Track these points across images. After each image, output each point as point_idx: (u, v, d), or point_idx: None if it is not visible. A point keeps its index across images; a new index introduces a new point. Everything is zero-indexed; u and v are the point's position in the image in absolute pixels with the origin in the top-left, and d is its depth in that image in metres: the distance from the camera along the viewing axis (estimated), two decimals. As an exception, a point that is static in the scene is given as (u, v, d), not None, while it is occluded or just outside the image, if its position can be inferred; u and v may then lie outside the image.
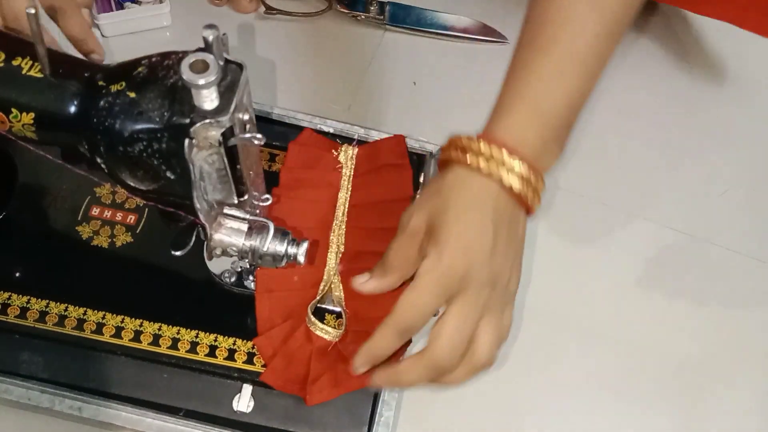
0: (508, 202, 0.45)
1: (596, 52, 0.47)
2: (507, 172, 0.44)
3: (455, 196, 0.45)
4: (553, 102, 0.46)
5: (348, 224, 0.58)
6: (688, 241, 0.67)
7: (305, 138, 0.61)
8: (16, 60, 0.40)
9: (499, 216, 0.44)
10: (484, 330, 0.44)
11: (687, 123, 0.73)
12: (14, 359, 0.52)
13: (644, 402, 0.59)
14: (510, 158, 0.44)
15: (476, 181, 0.44)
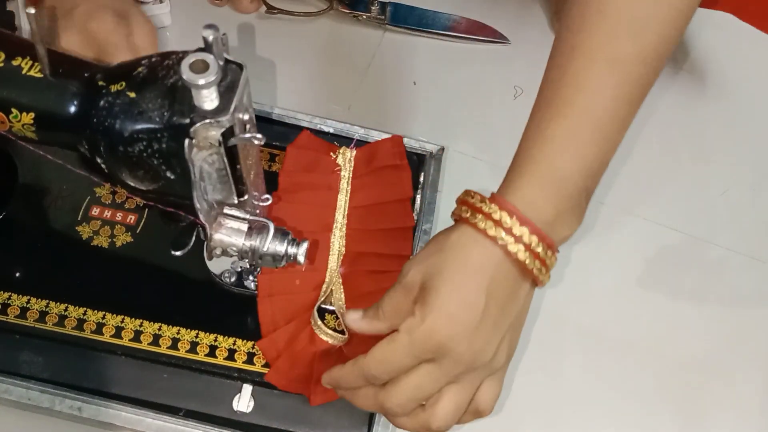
0: (510, 271, 0.42)
1: (615, 116, 0.44)
2: (514, 240, 0.41)
3: (454, 258, 0.42)
4: (568, 170, 0.43)
5: (348, 226, 0.58)
6: (688, 241, 0.67)
7: (303, 141, 0.61)
8: (16, 60, 0.40)
9: (496, 287, 0.42)
10: (447, 397, 0.43)
11: (687, 122, 0.73)
12: (14, 359, 0.52)
13: (644, 401, 0.59)
14: (519, 226, 0.41)
15: (480, 246, 0.42)
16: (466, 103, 0.71)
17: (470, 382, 0.44)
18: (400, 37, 0.74)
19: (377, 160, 0.61)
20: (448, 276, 0.42)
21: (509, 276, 0.42)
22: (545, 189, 0.43)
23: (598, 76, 0.44)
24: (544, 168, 0.43)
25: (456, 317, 0.41)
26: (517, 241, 0.41)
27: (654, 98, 0.74)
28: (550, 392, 0.59)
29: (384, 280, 0.55)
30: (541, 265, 0.43)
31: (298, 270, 0.56)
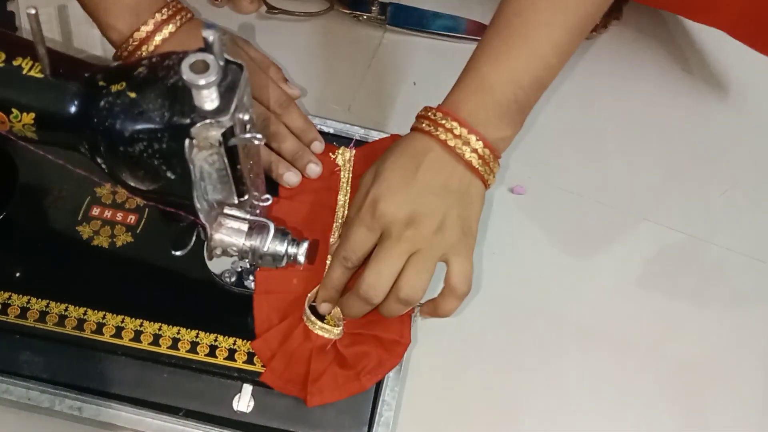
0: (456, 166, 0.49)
1: (548, 39, 0.50)
2: (464, 145, 0.49)
3: (400, 150, 0.50)
4: (496, 80, 0.50)
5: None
6: (688, 241, 0.67)
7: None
8: (16, 60, 0.40)
9: (437, 172, 0.49)
10: (407, 269, 0.48)
11: (687, 123, 0.73)
12: (14, 359, 0.52)
13: (644, 401, 0.59)
14: (474, 139, 0.49)
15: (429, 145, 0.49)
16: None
17: (429, 251, 0.49)
18: (400, 38, 0.74)
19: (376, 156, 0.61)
20: (392, 159, 0.50)
21: (454, 174, 0.49)
22: (475, 95, 0.50)
23: (535, 4, 0.50)
24: (474, 77, 0.50)
25: (393, 185, 0.49)
26: (473, 151, 0.49)
27: (654, 100, 0.74)
28: (550, 392, 0.59)
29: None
30: (487, 168, 0.50)
31: (297, 269, 0.56)
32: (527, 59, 0.50)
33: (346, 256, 0.50)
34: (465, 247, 0.50)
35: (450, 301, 0.50)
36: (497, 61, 0.50)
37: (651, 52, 0.76)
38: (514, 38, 0.50)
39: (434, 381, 0.58)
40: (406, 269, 0.48)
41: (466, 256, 0.50)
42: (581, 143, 0.71)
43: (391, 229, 0.48)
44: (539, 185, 0.68)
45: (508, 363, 0.59)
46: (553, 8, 0.50)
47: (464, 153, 0.49)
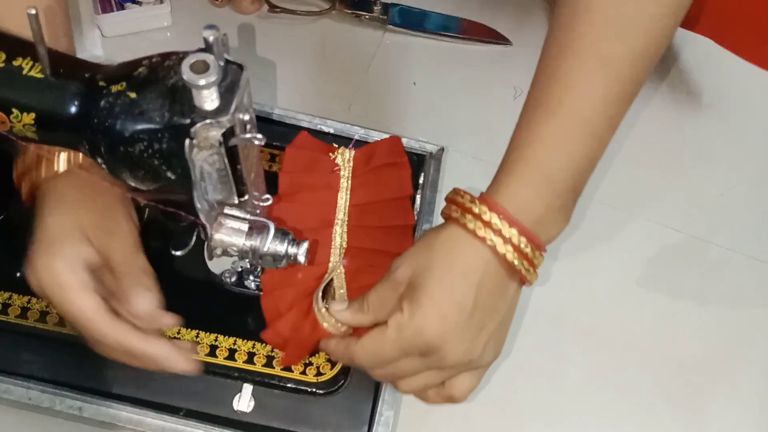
0: (498, 271, 0.43)
1: (604, 115, 0.44)
2: (503, 242, 0.42)
3: (443, 257, 0.43)
4: (557, 168, 0.44)
5: (349, 224, 0.58)
6: (688, 241, 0.67)
7: (301, 141, 0.61)
8: (16, 60, 0.40)
9: (484, 287, 0.43)
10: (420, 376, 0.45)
11: (686, 123, 0.73)
12: (15, 359, 0.52)
13: (644, 401, 0.59)
14: (508, 228, 0.42)
15: (469, 246, 0.43)
16: (466, 103, 0.71)
17: (449, 373, 0.45)
18: (401, 38, 0.74)
19: (376, 158, 0.61)
20: (438, 275, 0.43)
21: (497, 276, 0.43)
22: (534, 188, 0.43)
23: (587, 76, 0.44)
24: (533, 167, 0.43)
25: (445, 317, 0.42)
26: (506, 243, 0.42)
27: (653, 99, 0.74)
28: (550, 392, 0.59)
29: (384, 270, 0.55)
30: (528, 265, 0.43)
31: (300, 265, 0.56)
32: (585, 141, 0.44)
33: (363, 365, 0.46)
34: (486, 368, 0.47)
35: (437, 401, 0.48)
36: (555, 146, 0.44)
37: (651, 52, 0.76)
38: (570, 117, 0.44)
39: (434, 381, 0.58)
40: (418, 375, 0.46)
41: (481, 375, 0.47)
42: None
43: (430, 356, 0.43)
44: (539, 185, 0.68)
45: (508, 362, 0.59)
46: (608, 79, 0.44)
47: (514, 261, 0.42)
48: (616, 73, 0.44)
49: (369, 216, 0.59)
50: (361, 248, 0.57)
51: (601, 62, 0.44)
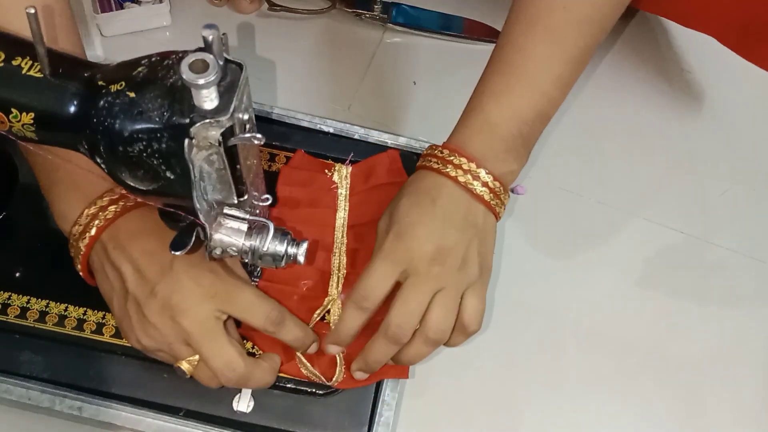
0: (478, 208, 0.50)
1: (549, 72, 0.51)
2: (480, 185, 0.49)
3: (412, 189, 0.50)
4: (501, 116, 0.50)
5: (348, 246, 0.57)
6: (688, 241, 0.67)
7: (298, 161, 0.61)
8: (15, 60, 0.40)
9: (453, 207, 0.49)
10: (434, 308, 0.48)
11: (687, 123, 0.73)
12: (14, 359, 0.52)
13: (644, 401, 0.59)
14: (485, 174, 0.49)
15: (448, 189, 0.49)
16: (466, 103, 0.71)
17: (452, 288, 0.48)
18: (401, 37, 0.74)
19: (375, 177, 0.60)
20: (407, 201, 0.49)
21: (469, 208, 0.49)
22: (480, 133, 0.50)
23: (533, 39, 0.51)
24: (478, 115, 0.51)
25: (417, 225, 0.48)
26: (483, 185, 0.49)
27: (653, 99, 0.74)
28: (549, 392, 0.59)
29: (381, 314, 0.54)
30: (500, 203, 0.51)
31: (299, 288, 0.55)
32: (530, 95, 0.51)
33: (365, 295, 0.48)
34: (481, 285, 0.50)
35: (459, 338, 0.50)
36: (500, 99, 0.51)
37: (650, 52, 0.76)
38: (516, 75, 0.51)
39: (434, 381, 0.58)
40: (433, 307, 0.48)
41: (481, 294, 0.50)
42: (581, 143, 0.71)
43: (417, 266, 0.47)
44: (539, 185, 0.68)
45: (508, 363, 0.59)
46: (552, 43, 0.51)
47: (475, 188, 0.49)
48: (561, 37, 0.51)
49: (368, 237, 0.58)
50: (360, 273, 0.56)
51: (546, 28, 0.51)
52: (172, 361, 0.48)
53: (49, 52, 0.39)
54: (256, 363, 0.49)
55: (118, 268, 0.48)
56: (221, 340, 0.47)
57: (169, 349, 0.48)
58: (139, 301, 0.47)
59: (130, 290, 0.47)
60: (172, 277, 0.47)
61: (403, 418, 0.56)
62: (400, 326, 0.48)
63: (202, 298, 0.47)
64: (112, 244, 0.48)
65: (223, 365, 0.47)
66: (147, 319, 0.47)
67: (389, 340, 0.48)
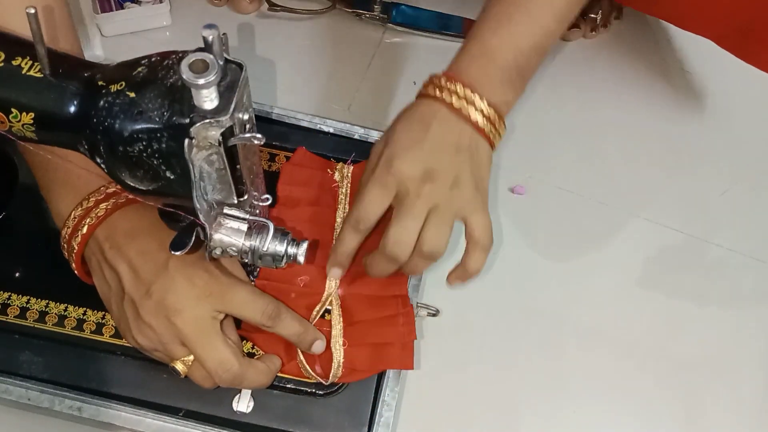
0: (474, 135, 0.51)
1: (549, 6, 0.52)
2: (478, 113, 0.50)
3: (408, 115, 0.51)
4: (498, 45, 0.52)
5: None
6: (688, 241, 0.67)
7: (299, 158, 0.61)
8: (15, 60, 0.40)
9: (447, 132, 0.50)
10: (428, 225, 0.49)
11: (687, 123, 0.73)
12: (14, 359, 0.52)
13: (644, 400, 0.59)
14: (479, 100, 0.50)
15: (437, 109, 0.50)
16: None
17: (446, 206, 0.49)
18: (401, 37, 0.74)
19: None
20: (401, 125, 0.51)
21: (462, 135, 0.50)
22: (478, 61, 0.52)
23: None
24: (476, 43, 0.52)
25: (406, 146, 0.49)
26: (480, 113, 0.50)
27: (654, 100, 0.74)
28: (549, 392, 0.59)
29: (384, 306, 0.54)
30: (495, 131, 0.51)
31: (296, 284, 0.55)
32: (527, 25, 0.52)
33: (359, 217, 0.50)
34: (480, 203, 0.51)
35: (477, 256, 0.51)
36: (498, 28, 0.52)
37: (650, 52, 0.76)
38: (515, 5, 0.52)
39: (434, 381, 0.58)
40: (428, 224, 0.49)
41: (483, 210, 0.51)
42: (581, 143, 0.71)
43: (408, 186, 0.49)
44: (539, 185, 0.68)
45: (508, 363, 0.59)
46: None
47: (470, 114, 0.50)
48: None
49: (368, 236, 0.58)
50: (360, 272, 0.55)
51: None
52: (168, 360, 0.48)
53: (49, 52, 0.39)
54: (251, 363, 0.49)
55: (115, 268, 0.48)
56: (216, 340, 0.47)
57: (164, 349, 0.48)
58: (135, 301, 0.47)
59: (126, 290, 0.48)
60: (167, 277, 0.47)
61: (403, 419, 0.56)
62: (398, 242, 0.49)
63: (197, 298, 0.47)
64: (108, 244, 0.48)
65: (217, 365, 0.47)
66: (142, 319, 0.47)
67: (387, 258, 0.49)
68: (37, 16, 0.37)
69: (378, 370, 0.53)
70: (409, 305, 0.54)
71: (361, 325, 0.53)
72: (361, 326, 0.53)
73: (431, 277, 0.61)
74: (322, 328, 0.53)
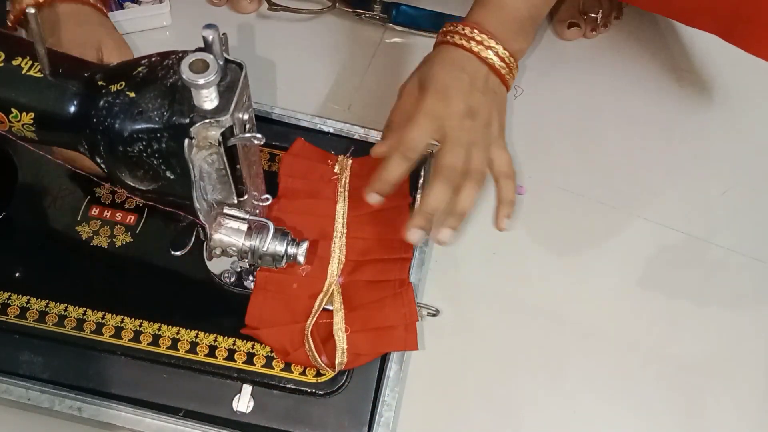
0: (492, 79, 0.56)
1: None
2: (498, 58, 0.55)
3: (441, 60, 0.56)
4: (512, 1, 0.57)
5: (348, 235, 0.57)
6: (688, 241, 0.67)
7: (298, 148, 0.61)
8: (16, 60, 0.40)
9: (477, 75, 0.55)
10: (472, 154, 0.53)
11: (687, 123, 0.73)
12: (14, 359, 0.52)
13: (644, 401, 0.59)
14: (495, 45, 0.55)
15: (467, 60, 0.55)
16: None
17: (482, 142, 0.54)
18: (401, 37, 0.74)
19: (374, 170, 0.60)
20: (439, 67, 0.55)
21: (488, 78, 0.56)
22: (494, 13, 0.57)
23: None
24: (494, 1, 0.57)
25: (450, 86, 0.54)
26: (499, 59, 0.56)
27: (654, 99, 0.74)
28: (549, 392, 0.59)
29: (383, 288, 0.55)
30: (511, 75, 0.57)
31: (298, 275, 0.55)
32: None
33: (409, 145, 0.53)
34: (503, 141, 0.57)
35: (509, 185, 0.55)
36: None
37: (651, 52, 0.76)
38: None
39: (435, 381, 0.58)
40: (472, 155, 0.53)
41: (505, 147, 0.56)
42: (581, 143, 0.71)
43: (453, 122, 0.53)
44: (539, 185, 0.68)
45: (508, 363, 0.59)
46: None
47: (494, 62, 0.55)
48: None
49: (368, 227, 0.58)
50: (361, 261, 0.57)
51: None
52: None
53: (48, 52, 0.39)
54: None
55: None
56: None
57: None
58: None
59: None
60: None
61: (403, 419, 0.56)
62: (451, 168, 0.52)
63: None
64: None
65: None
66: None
67: (444, 183, 0.53)
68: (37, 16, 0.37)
69: (382, 352, 0.53)
70: (409, 285, 0.55)
71: (362, 310, 0.53)
72: (362, 311, 0.53)
73: (431, 277, 0.61)
74: (323, 319, 0.53)
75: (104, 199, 0.58)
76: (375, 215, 0.58)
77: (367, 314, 0.54)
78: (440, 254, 0.63)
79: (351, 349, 0.52)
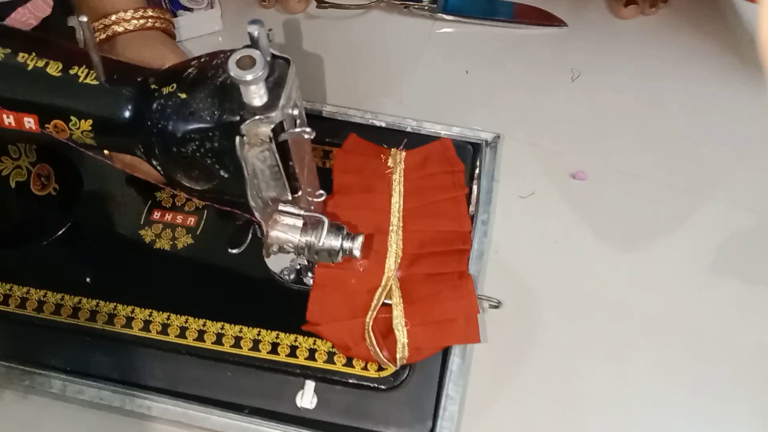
0: None
1: None
2: None
3: None
4: None
5: (404, 228, 0.57)
6: (761, 221, 0.63)
7: (351, 144, 0.61)
8: (73, 69, 0.41)
9: None
10: None
11: (755, 97, 0.69)
12: (86, 361, 0.54)
13: (719, 392, 0.57)
14: None
15: None
16: (521, 88, 0.70)
17: None
18: (451, 26, 0.73)
19: (430, 166, 0.60)
20: None
21: None
22: None
23: None
24: None
25: None
26: None
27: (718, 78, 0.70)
28: (617, 386, 0.57)
29: (441, 281, 0.54)
30: None
31: (356, 270, 0.55)
32: None
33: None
34: None
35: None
36: None
37: (716, 25, 0.73)
38: None
39: (498, 374, 0.57)
40: None
41: None
42: (643, 124, 0.68)
43: None
44: (601, 170, 0.66)
45: (572, 356, 0.58)
46: None
47: None
48: None
49: (424, 220, 0.57)
50: (417, 254, 0.56)
51: None
52: None
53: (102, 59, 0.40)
54: None
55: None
56: None
57: None
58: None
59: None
60: None
61: (468, 413, 0.55)
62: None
63: None
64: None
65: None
66: None
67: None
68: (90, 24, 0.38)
69: (443, 346, 0.53)
70: (469, 277, 0.54)
71: (422, 303, 0.53)
72: (422, 305, 0.53)
73: (491, 268, 0.60)
74: (382, 314, 0.53)
75: (165, 202, 0.60)
76: (431, 207, 0.58)
77: (427, 307, 0.53)
78: (500, 245, 0.62)
79: (412, 344, 0.52)
